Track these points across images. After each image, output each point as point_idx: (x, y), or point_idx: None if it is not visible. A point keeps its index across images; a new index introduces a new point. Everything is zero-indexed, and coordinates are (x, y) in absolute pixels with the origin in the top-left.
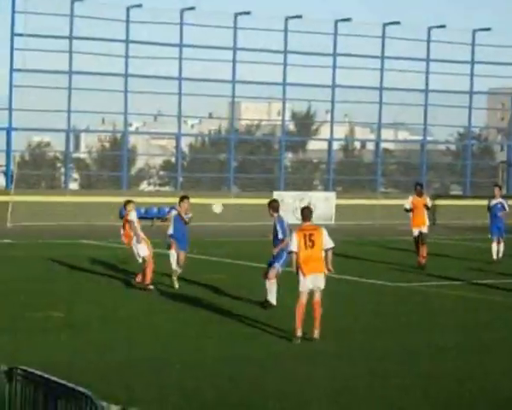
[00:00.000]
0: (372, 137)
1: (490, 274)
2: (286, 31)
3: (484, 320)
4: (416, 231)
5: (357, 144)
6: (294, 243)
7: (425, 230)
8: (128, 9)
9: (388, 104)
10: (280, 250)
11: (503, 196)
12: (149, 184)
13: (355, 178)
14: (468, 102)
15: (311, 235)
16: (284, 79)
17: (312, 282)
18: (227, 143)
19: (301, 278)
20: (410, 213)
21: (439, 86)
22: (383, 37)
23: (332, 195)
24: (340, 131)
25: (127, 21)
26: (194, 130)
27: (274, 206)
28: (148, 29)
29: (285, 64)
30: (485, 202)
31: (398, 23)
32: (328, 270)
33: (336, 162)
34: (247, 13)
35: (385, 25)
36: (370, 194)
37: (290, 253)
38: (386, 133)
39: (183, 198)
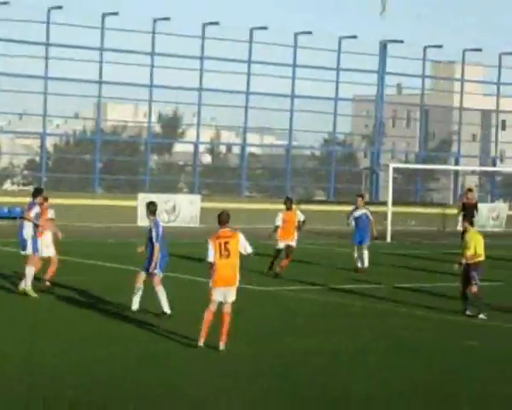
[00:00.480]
0: (238, 141)
1: (350, 280)
2: (154, 32)
3: (338, 325)
4: (281, 244)
5: (223, 148)
6: (211, 253)
7: (293, 243)
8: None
9: (254, 109)
10: (159, 256)
11: (366, 204)
12: (13, 183)
13: (220, 182)
14: (333, 109)
15: (226, 243)
16: (151, 80)
17: (223, 294)
18: (92, 143)
19: (212, 287)
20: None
21: (304, 92)
22: (250, 41)
23: (197, 198)
24: (207, 135)
25: None
26: (59, 130)
27: (151, 209)
28: (15, 27)
29: (152, 66)
30: (348, 208)
31: (265, 28)
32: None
33: (202, 165)
34: (115, 13)
35: (252, 29)
36: (235, 197)
37: (207, 263)
38: (252, 138)
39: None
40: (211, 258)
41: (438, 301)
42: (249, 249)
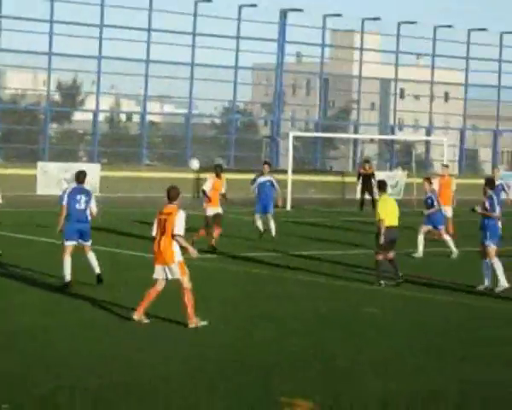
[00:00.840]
0: (138, 109)
1: (255, 248)
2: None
3: (247, 292)
4: (211, 212)
5: (123, 116)
6: (154, 227)
7: (221, 211)
8: None
9: (155, 77)
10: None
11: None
12: None
13: (120, 150)
14: (233, 77)
15: (165, 220)
16: (50, 48)
17: (164, 272)
18: None
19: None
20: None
21: (204, 60)
22: (150, 9)
23: (97, 166)
24: (106, 103)
25: None
26: None
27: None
28: None
29: (51, 33)
30: (249, 176)
31: None
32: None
33: (101, 134)
34: None
35: None
36: (135, 166)
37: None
38: (152, 106)
39: None
40: (153, 232)
41: (334, 269)
42: (180, 231)
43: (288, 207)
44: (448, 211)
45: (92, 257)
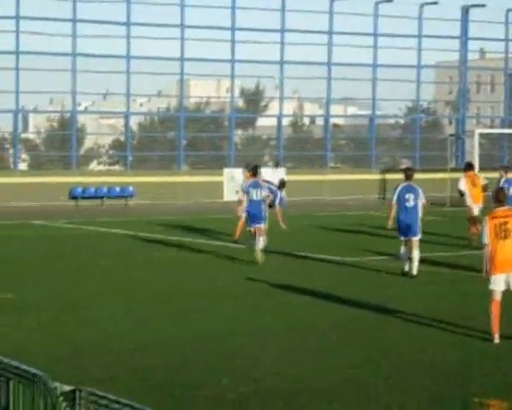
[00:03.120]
0: (321, 112)
1: (441, 249)
2: (233, 7)
3: (432, 290)
4: (476, 209)
5: (307, 120)
6: (486, 234)
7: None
8: None
9: (337, 79)
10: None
11: (453, 170)
12: (99, 163)
13: (304, 154)
14: (415, 76)
15: (505, 223)
16: (232, 55)
17: (506, 282)
18: (176, 120)
19: (492, 275)
20: (467, 193)
21: (386, 61)
22: (331, 12)
23: (282, 171)
24: (289, 108)
25: (74, 0)
26: (143, 108)
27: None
28: (94, 8)
29: (233, 41)
30: (434, 176)
31: None
32: None
33: (286, 138)
34: None
35: (331, 0)
36: (320, 169)
37: (483, 245)
38: (335, 109)
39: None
40: (485, 238)
41: None
42: None
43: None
44: None
45: None
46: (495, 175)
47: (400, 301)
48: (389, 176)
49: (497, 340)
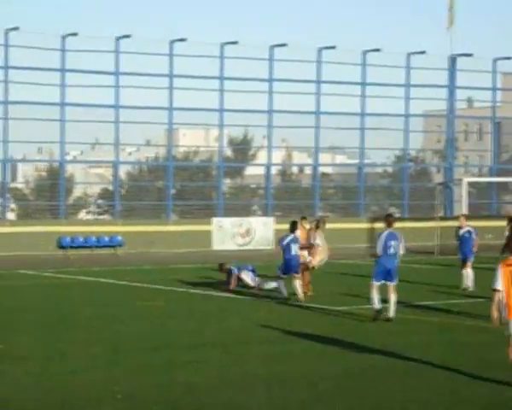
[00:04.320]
0: (310, 161)
1: (429, 297)
2: (222, 57)
3: (420, 341)
4: None
5: (295, 169)
6: (498, 280)
7: None
8: (63, 38)
9: (325, 128)
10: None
11: (441, 219)
12: (88, 212)
13: (293, 203)
14: (404, 125)
15: None
16: (221, 104)
17: None
18: (165, 170)
19: (509, 319)
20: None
21: (375, 110)
22: (319, 61)
23: (271, 220)
24: (278, 156)
25: (62, 50)
26: (131, 157)
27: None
28: (84, 57)
29: (222, 90)
30: (423, 224)
31: (333, 47)
32: None
33: (274, 187)
34: (183, 40)
35: (320, 49)
36: (309, 218)
37: (494, 290)
38: (324, 157)
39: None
40: (499, 285)
41: None
42: None
43: None
44: None
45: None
46: (483, 224)
47: (391, 350)
48: (378, 225)
49: None
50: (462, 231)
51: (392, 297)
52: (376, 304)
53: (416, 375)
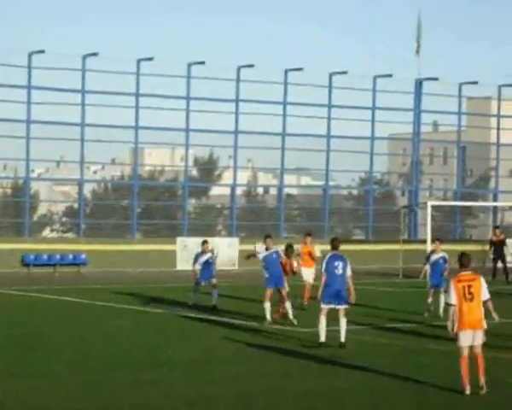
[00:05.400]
0: (275, 182)
1: (394, 320)
2: (189, 77)
3: (386, 363)
4: None
5: (260, 190)
6: (452, 295)
7: None
8: (30, 55)
9: (291, 150)
10: None
11: (405, 242)
12: (52, 230)
13: (258, 224)
14: (369, 148)
15: (469, 286)
16: (187, 124)
17: (472, 338)
18: (130, 188)
19: (458, 332)
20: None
21: (340, 132)
22: (285, 83)
23: (235, 240)
24: (243, 177)
25: (29, 67)
26: (96, 176)
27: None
28: (50, 75)
29: (188, 110)
30: (387, 247)
31: (300, 69)
32: (492, 318)
33: (239, 208)
34: (150, 59)
35: (287, 71)
36: (274, 239)
37: (449, 305)
38: (289, 179)
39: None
40: (453, 300)
41: None
42: (487, 296)
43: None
44: None
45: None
46: (448, 248)
47: (359, 372)
48: (342, 247)
49: (468, 391)
50: (436, 257)
51: (343, 321)
52: (322, 336)
53: (382, 395)
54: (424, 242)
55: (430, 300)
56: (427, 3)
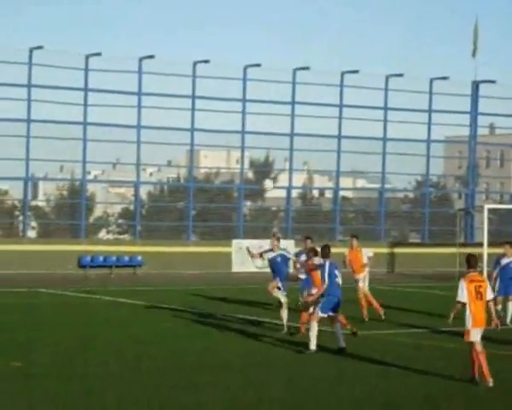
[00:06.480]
0: (330, 185)
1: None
2: (245, 79)
3: (439, 367)
4: None
5: (316, 192)
6: (464, 293)
7: None
8: (87, 57)
9: (347, 152)
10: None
11: (462, 245)
12: (108, 232)
13: (313, 226)
14: (425, 151)
15: (479, 286)
16: (243, 127)
17: (479, 334)
18: (186, 191)
19: (471, 329)
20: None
21: (396, 135)
22: (341, 85)
23: (291, 243)
24: (299, 179)
25: (86, 70)
26: (152, 178)
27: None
28: (106, 77)
29: (244, 112)
30: (444, 250)
31: (356, 72)
32: (493, 318)
33: (295, 210)
34: (206, 61)
35: (343, 73)
36: (329, 242)
37: (459, 303)
38: (345, 181)
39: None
40: (463, 298)
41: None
42: (491, 295)
43: None
44: None
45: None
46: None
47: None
48: (398, 250)
49: (491, 383)
50: (506, 261)
51: (338, 325)
52: (314, 345)
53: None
54: (481, 245)
55: (499, 307)
56: (484, 5)
